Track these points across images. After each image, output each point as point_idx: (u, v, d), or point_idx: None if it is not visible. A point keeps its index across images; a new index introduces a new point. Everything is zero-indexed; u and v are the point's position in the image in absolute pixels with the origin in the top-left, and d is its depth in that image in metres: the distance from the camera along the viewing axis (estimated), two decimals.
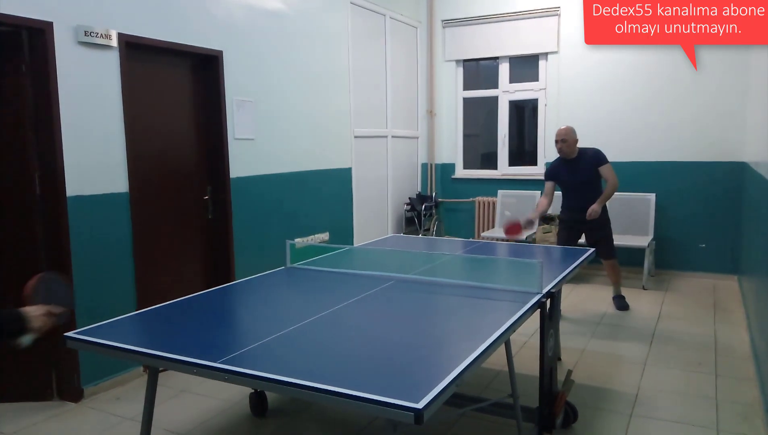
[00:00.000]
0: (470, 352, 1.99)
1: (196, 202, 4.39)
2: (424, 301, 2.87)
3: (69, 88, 3.37)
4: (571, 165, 4.85)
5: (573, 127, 4.87)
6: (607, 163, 4.84)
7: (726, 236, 6.09)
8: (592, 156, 4.85)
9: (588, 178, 4.84)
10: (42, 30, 3.24)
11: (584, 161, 4.84)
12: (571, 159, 4.84)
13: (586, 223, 4.84)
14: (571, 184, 4.90)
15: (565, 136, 4.78)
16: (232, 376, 1.90)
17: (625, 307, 5.13)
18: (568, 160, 4.86)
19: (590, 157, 4.85)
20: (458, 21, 7.22)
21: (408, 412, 1.58)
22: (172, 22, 3.99)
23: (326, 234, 5.61)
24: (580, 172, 4.83)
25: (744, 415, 3.17)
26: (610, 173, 4.83)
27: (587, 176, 4.83)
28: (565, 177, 4.90)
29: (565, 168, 4.89)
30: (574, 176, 4.85)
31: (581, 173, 4.83)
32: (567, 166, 4.88)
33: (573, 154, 4.83)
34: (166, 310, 2.67)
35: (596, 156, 4.85)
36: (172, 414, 3.30)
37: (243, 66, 4.56)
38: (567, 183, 4.93)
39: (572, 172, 4.85)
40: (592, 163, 4.83)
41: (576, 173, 4.84)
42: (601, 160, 4.83)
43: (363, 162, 6.21)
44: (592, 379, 3.66)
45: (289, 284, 3.19)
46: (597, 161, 4.83)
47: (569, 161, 4.86)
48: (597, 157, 4.84)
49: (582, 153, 4.86)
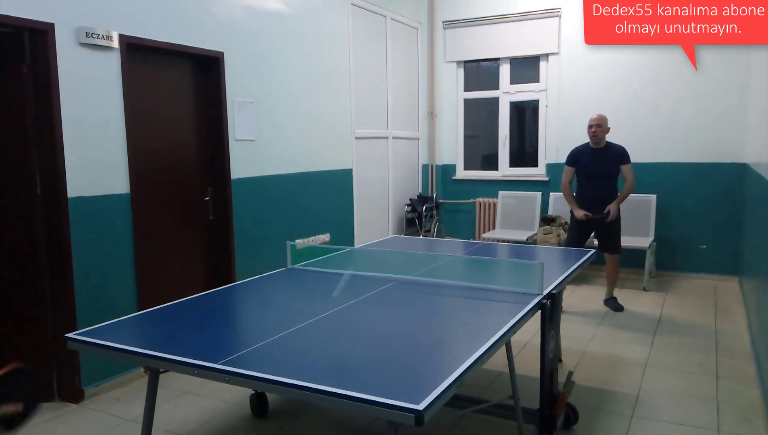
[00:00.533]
0: (471, 353, 1.98)
1: (197, 203, 4.39)
2: (425, 302, 2.87)
3: (70, 90, 3.37)
4: (596, 154, 4.90)
5: (606, 116, 4.93)
6: (629, 162, 4.92)
7: (727, 237, 6.08)
8: (619, 151, 4.93)
9: (610, 171, 4.90)
10: (43, 31, 3.24)
11: (610, 154, 4.90)
12: (599, 148, 4.90)
13: (598, 221, 4.91)
14: (592, 173, 4.93)
15: (600, 122, 4.85)
16: (233, 378, 1.90)
17: (619, 308, 5.15)
18: (594, 149, 4.91)
19: (617, 152, 4.92)
20: (459, 22, 7.22)
21: (409, 414, 1.58)
22: (174, 24, 3.99)
23: (327, 235, 5.62)
24: (604, 163, 4.89)
25: (745, 417, 3.17)
26: (631, 173, 4.91)
27: (610, 169, 4.90)
28: (588, 165, 4.93)
29: (590, 156, 4.92)
30: (598, 166, 4.89)
31: (605, 165, 4.89)
32: (592, 154, 4.92)
33: (601, 143, 4.89)
34: (167, 312, 2.67)
35: (623, 152, 4.93)
36: (172, 415, 3.30)
37: (244, 67, 4.57)
38: (588, 172, 4.95)
39: (597, 161, 4.90)
40: (617, 158, 4.89)
41: (600, 164, 4.89)
42: (626, 158, 4.91)
43: (364, 163, 6.21)
44: (593, 381, 3.65)
45: (290, 285, 3.19)
46: (622, 157, 4.90)
47: (595, 150, 4.91)
48: (623, 154, 4.92)
49: (609, 145, 4.94)
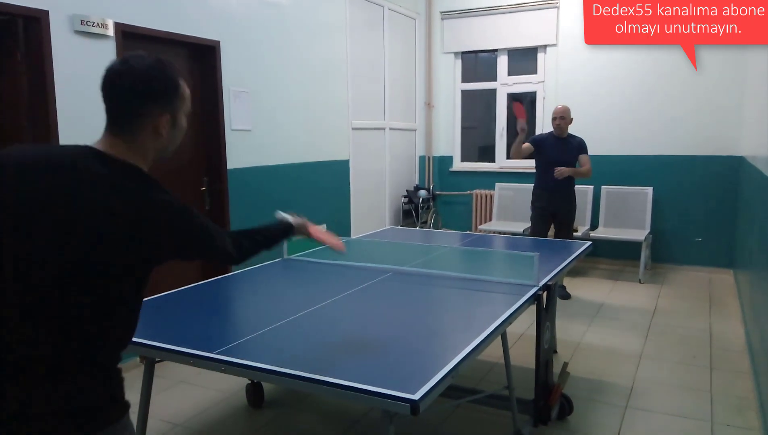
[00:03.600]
0: (466, 344, 1.99)
1: (193, 193, 4.37)
2: (421, 293, 2.87)
3: (65, 78, 3.35)
4: (559, 143, 5.09)
5: (569, 107, 5.14)
6: (587, 153, 5.14)
7: (722, 230, 6.10)
8: (580, 142, 5.15)
9: (569, 160, 5.07)
10: (38, 18, 3.21)
11: (571, 144, 5.11)
12: (561, 138, 5.10)
13: (555, 204, 5.12)
14: (554, 161, 5.06)
15: (563, 114, 5.05)
16: (229, 367, 1.90)
17: (566, 296, 5.25)
18: (556, 138, 5.10)
19: (577, 142, 5.14)
20: (457, 13, 7.19)
21: (404, 404, 1.59)
22: (169, 12, 3.96)
23: (323, 226, 5.59)
24: (565, 152, 5.07)
25: (738, 408, 3.19)
26: (589, 162, 5.13)
27: (570, 158, 5.08)
28: (550, 152, 5.09)
29: (553, 144, 5.10)
30: (559, 155, 5.06)
31: (566, 154, 5.07)
32: (555, 143, 5.10)
33: (564, 133, 5.10)
34: (163, 301, 2.66)
35: (583, 143, 5.16)
36: (168, 405, 3.30)
37: (240, 56, 4.54)
38: (549, 159, 5.08)
39: (559, 150, 5.08)
40: (577, 149, 5.11)
41: (562, 153, 5.07)
42: (585, 149, 5.14)
43: (360, 154, 6.20)
44: (588, 372, 3.67)
45: (286, 276, 3.19)
46: (581, 148, 5.12)
47: (558, 139, 5.10)
48: (582, 145, 5.15)
49: (570, 136, 5.15)
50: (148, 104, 1.34)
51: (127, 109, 1.35)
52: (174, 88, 1.38)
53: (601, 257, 6.55)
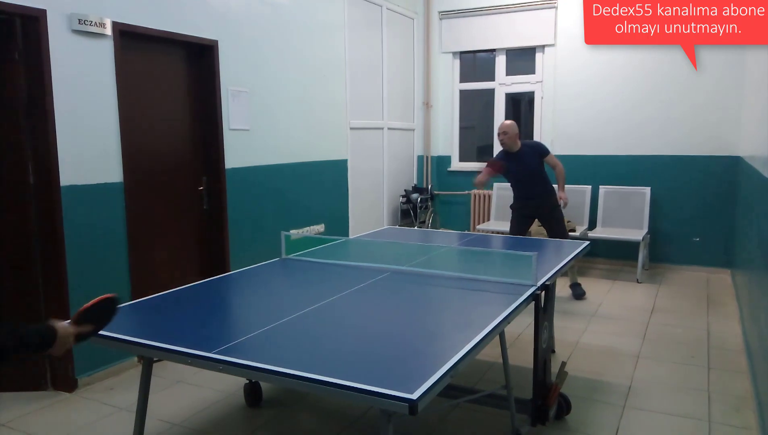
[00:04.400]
0: (465, 343, 1.99)
1: (191, 193, 4.37)
2: (419, 292, 2.87)
3: (63, 77, 3.34)
4: (516, 157, 5.02)
5: (514, 122, 5.07)
6: (549, 152, 5.10)
7: (720, 230, 6.11)
8: (535, 147, 5.12)
9: (534, 168, 5.04)
10: (35, 18, 3.21)
11: (528, 153, 5.04)
12: (515, 152, 5.01)
13: (537, 210, 5.10)
14: (519, 175, 5.07)
15: (507, 129, 4.97)
16: (227, 367, 1.90)
17: (581, 295, 5.24)
18: (512, 153, 5.02)
19: (533, 149, 5.08)
20: (455, 12, 7.19)
21: (402, 403, 1.59)
22: (167, 11, 3.95)
23: (321, 226, 5.61)
24: (525, 163, 5.02)
25: (736, 408, 3.20)
26: (555, 159, 5.09)
27: (533, 166, 5.03)
28: (513, 169, 5.05)
29: (511, 160, 5.04)
30: (521, 167, 5.03)
31: (527, 164, 5.02)
32: (512, 158, 5.03)
33: (515, 147, 5.01)
34: (161, 301, 2.66)
35: (539, 147, 5.13)
36: (166, 404, 3.30)
37: (238, 56, 4.53)
38: (515, 174, 5.09)
39: (518, 163, 5.03)
40: (536, 154, 5.05)
41: (522, 164, 5.02)
42: (545, 150, 5.09)
43: (359, 154, 6.19)
44: (586, 371, 3.67)
45: (284, 275, 3.18)
46: (541, 152, 5.07)
47: (514, 154, 5.02)
48: (540, 148, 5.11)
49: (524, 145, 5.08)
50: None
51: None
52: None
53: (599, 257, 6.56)
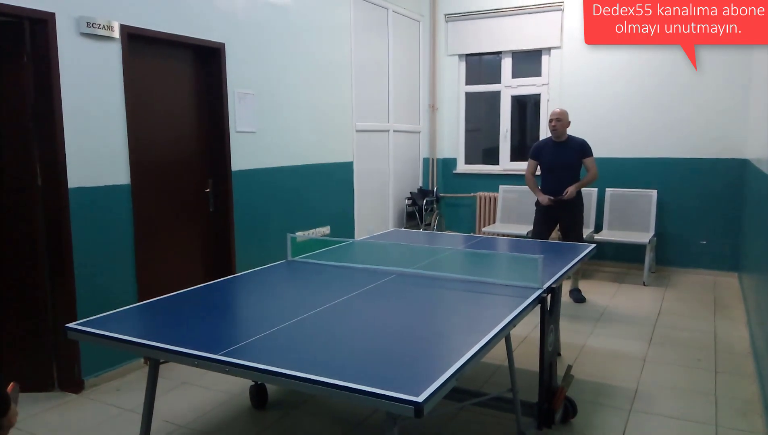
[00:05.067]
0: (471, 346, 1.99)
1: (198, 195, 4.39)
2: (425, 295, 2.87)
3: (71, 80, 3.36)
4: (558, 147, 5.01)
5: (566, 110, 5.04)
6: (592, 155, 5.02)
7: (727, 233, 6.08)
8: (580, 144, 5.03)
9: (571, 163, 4.99)
10: (44, 21, 3.23)
11: (571, 147, 5.01)
12: (560, 141, 5.00)
13: (562, 210, 4.98)
14: (554, 165, 5.01)
15: (560, 116, 4.94)
16: (233, 368, 1.91)
17: (581, 300, 5.23)
18: (556, 142, 5.02)
19: (578, 145, 5.02)
20: (461, 15, 7.19)
21: (408, 406, 1.59)
22: (175, 14, 3.97)
23: (327, 228, 5.62)
24: (565, 155, 4.98)
25: (743, 412, 3.18)
26: (593, 165, 5.03)
27: (571, 161, 4.99)
28: (550, 157, 5.03)
29: (552, 149, 5.03)
30: (559, 158, 4.99)
31: (566, 157, 4.98)
32: (554, 147, 5.03)
33: (563, 136, 4.99)
34: (167, 302, 2.67)
35: (584, 145, 5.02)
36: (172, 406, 3.31)
37: (245, 58, 4.55)
38: (550, 164, 5.04)
39: (558, 154, 5.00)
40: (579, 151, 4.99)
41: (561, 156, 4.99)
42: (588, 151, 5.01)
43: (365, 156, 6.20)
44: (592, 375, 3.66)
45: (290, 277, 3.19)
46: (583, 151, 5.00)
47: (557, 143, 5.02)
48: (584, 147, 5.02)
49: (570, 139, 5.03)
50: None
51: None
52: None
53: (606, 260, 6.54)
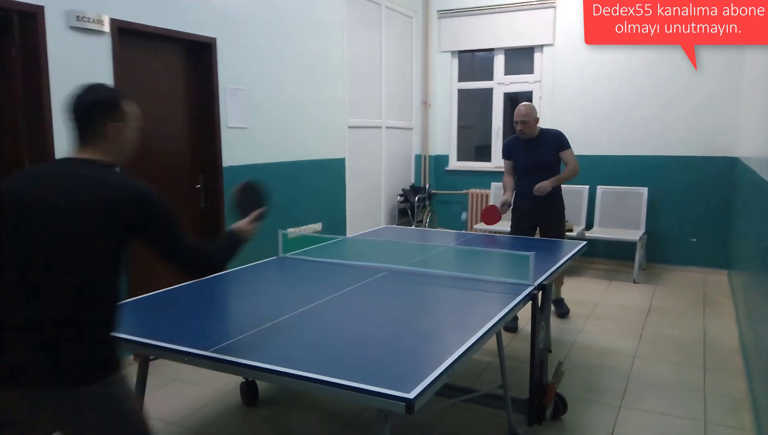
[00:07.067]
0: (461, 343, 1.99)
1: (188, 191, 4.36)
2: (417, 292, 2.87)
3: (60, 74, 3.33)
4: (529, 145, 4.40)
5: (533, 105, 4.47)
6: (569, 147, 4.41)
7: (717, 231, 6.12)
8: (555, 136, 4.44)
9: (547, 160, 4.39)
10: (33, 14, 3.19)
11: (545, 142, 4.40)
12: (531, 138, 4.39)
13: (539, 212, 4.42)
14: (528, 165, 4.42)
15: (525, 117, 4.32)
16: (223, 365, 1.90)
17: (565, 314, 4.75)
18: (526, 140, 4.40)
19: (552, 138, 4.42)
20: (454, 12, 7.19)
21: (399, 402, 1.59)
22: (166, 8, 3.94)
23: (319, 224, 5.60)
24: (539, 153, 4.38)
25: (732, 408, 3.20)
26: (572, 158, 4.41)
27: (546, 158, 4.39)
28: (522, 157, 4.44)
29: (523, 147, 4.43)
30: (532, 157, 4.40)
31: (540, 155, 4.38)
32: (525, 145, 4.42)
33: (534, 134, 4.38)
34: (157, 299, 2.66)
35: (558, 137, 4.43)
36: (162, 403, 3.29)
37: (237, 54, 4.53)
38: (524, 164, 4.45)
39: (530, 152, 4.40)
40: (553, 146, 4.39)
41: (534, 154, 4.39)
42: (564, 144, 4.40)
43: (357, 152, 6.19)
44: (582, 371, 3.68)
45: (282, 274, 3.18)
46: (558, 144, 4.39)
47: (528, 141, 4.40)
48: (559, 139, 4.41)
49: (543, 133, 4.43)
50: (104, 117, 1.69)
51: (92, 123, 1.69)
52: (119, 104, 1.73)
53: (596, 257, 6.57)
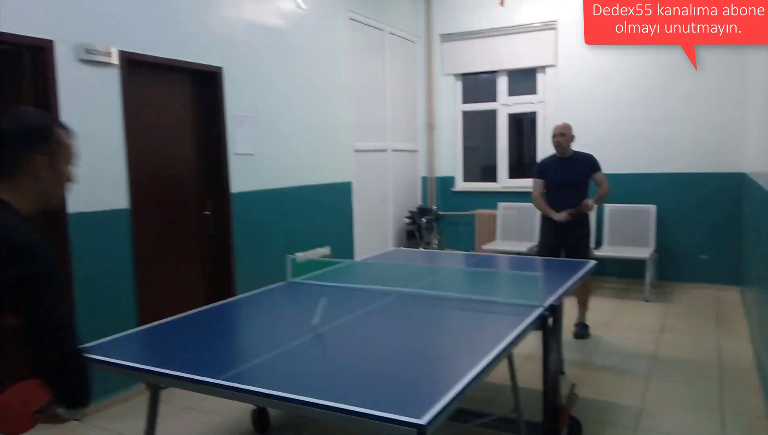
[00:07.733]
0: (473, 366, 1.97)
1: (197, 218, 4.39)
2: (426, 315, 2.85)
3: (70, 106, 3.38)
4: (564, 164, 4.64)
5: (570, 124, 4.69)
6: (601, 170, 4.67)
7: (727, 247, 6.08)
8: (588, 159, 4.68)
9: (578, 180, 4.63)
10: (43, 48, 3.26)
11: (578, 163, 4.65)
12: (565, 158, 4.64)
13: (571, 229, 4.56)
14: (560, 184, 4.63)
15: (563, 130, 4.59)
16: (234, 393, 1.89)
17: (584, 336, 4.78)
18: (561, 159, 4.65)
19: (585, 161, 4.67)
20: (456, 35, 7.27)
21: (411, 428, 1.57)
22: (173, 40, 4.01)
23: (327, 248, 5.60)
24: (572, 173, 4.62)
25: (750, 427, 3.15)
26: (604, 180, 4.69)
27: (579, 178, 4.63)
28: (555, 176, 4.65)
29: (557, 166, 4.65)
30: (566, 177, 4.61)
31: (573, 175, 4.62)
32: (559, 164, 4.65)
33: (568, 152, 4.64)
34: (168, 327, 2.65)
35: (592, 160, 4.68)
36: (174, 431, 3.27)
37: (243, 82, 4.59)
38: (556, 183, 4.65)
39: (564, 172, 4.62)
40: (587, 167, 4.65)
41: (568, 174, 4.61)
42: (597, 166, 4.66)
43: (363, 176, 6.22)
44: (596, 393, 3.63)
45: (291, 299, 3.18)
46: (592, 166, 4.66)
47: (562, 160, 4.64)
48: (592, 162, 4.67)
49: (577, 155, 4.68)
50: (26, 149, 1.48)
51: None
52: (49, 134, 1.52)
53: (607, 276, 6.52)
